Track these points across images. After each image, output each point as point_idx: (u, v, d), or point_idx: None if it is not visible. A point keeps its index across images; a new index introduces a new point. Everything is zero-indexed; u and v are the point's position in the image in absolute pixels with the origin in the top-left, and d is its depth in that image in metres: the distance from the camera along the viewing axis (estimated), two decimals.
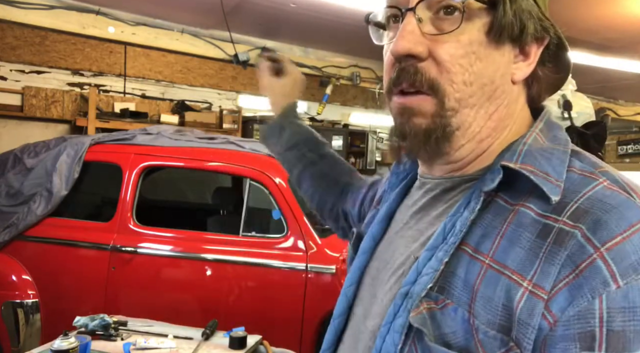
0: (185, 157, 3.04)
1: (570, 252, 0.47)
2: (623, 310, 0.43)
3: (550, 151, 0.55)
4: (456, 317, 0.53)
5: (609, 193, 0.50)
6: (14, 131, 4.58)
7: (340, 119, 6.72)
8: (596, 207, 0.49)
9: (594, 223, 0.48)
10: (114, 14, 4.98)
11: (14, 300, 2.82)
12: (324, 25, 4.96)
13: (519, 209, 0.53)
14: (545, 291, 0.47)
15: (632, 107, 8.72)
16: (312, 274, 2.65)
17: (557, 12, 2.68)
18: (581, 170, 0.53)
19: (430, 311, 0.55)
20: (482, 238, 0.55)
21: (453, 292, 0.54)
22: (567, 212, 0.50)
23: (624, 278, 0.44)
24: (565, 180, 0.52)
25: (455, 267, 0.55)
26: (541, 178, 0.52)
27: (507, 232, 0.53)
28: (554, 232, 0.49)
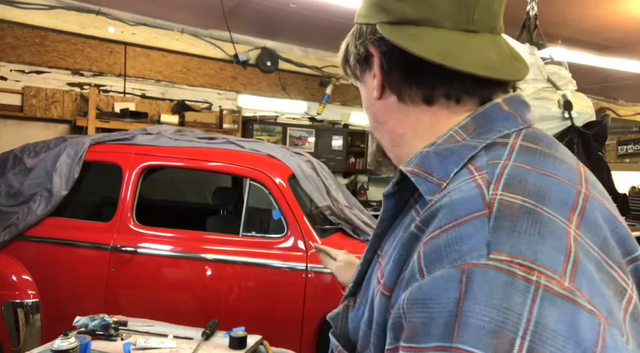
0: (185, 157, 3.04)
1: (409, 249, 0.50)
2: (417, 302, 0.44)
3: (456, 148, 0.54)
4: (358, 314, 0.60)
5: (466, 187, 0.48)
6: (14, 131, 4.58)
7: (340, 119, 6.72)
8: (440, 202, 0.49)
9: (428, 218, 0.49)
10: (114, 14, 4.98)
11: (14, 300, 2.82)
12: (324, 25, 4.96)
13: (411, 211, 0.57)
14: (388, 289, 0.51)
15: (632, 107, 8.71)
16: (312, 274, 2.65)
17: (558, 12, 2.69)
18: (474, 165, 0.52)
19: (346, 308, 0.63)
20: (386, 239, 0.60)
21: (362, 291, 0.62)
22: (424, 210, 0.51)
23: (428, 272, 0.44)
24: (454, 177, 0.52)
25: (369, 268, 0.62)
26: (420, 178, 0.53)
27: (399, 233, 0.56)
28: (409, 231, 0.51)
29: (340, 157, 6.44)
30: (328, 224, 2.96)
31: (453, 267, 0.43)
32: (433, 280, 0.43)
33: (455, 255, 0.43)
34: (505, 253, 0.42)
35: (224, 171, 3.21)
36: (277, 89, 6.03)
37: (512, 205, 0.45)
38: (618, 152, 8.58)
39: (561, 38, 4.86)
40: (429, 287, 0.43)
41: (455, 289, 0.41)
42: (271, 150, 3.17)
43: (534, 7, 2.54)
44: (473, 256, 0.42)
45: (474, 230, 0.44)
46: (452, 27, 0.57)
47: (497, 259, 0.41)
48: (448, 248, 0.44)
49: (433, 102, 0.60)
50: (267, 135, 5.89)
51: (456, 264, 0.43)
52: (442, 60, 0.55)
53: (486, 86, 0.59)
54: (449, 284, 0.42)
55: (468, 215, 0.45)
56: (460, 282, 0.42)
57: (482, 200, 0.46)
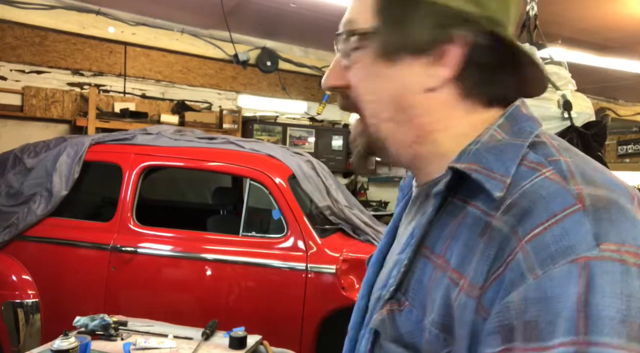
0: (185, 157, 3.04)
1: (499, 247, 0.48)
2: (536, 301, 0.44)
3: (504, 146, 0.55)
4: (411, 318, 0.56)
5: (545, 183, 0.49)
6: (14, 131, 4.58)
7: (340, 119, 6.73)
8: (526, 199, 0.49)
9: (520, 215, 0.48)
10: (114, 14, 4.98)
11: (14, 300, 2.82)
12: (324, 25, 4.96)
13: (468, 208, 0.55)
14: (477, 288, 0.49)
15: (632, 107, 8.72)
16: (312, 274, 2.65)
17: (558, 12, 2.69)
18: (531, 162, 0.53)
19: (391, 313, 0.59)
20: (437, 239, 0.57)
21: (411, 294, 0.58)
22: (502, 207, 0.50)
23: (541, 269, 0.44)
24: (514, 174, 0.52)
25: (416, 269, 0.59)
26: (484, 176, 0.53)
27: (456, 231, 0.55)
28: (490, 228, 0.50)
29: (340, 157, 6.43)
30: (328, 224, 2.96)
31: (569, 263, 0.44)
32: (550, 277, 0.44)
33: (567, 250, 0.44)
34: (613, 243, 0.44)
35: (224, 171, 3.21)
36: (277, 89, 6.04)
37: (600, 198, 0.47)
38: (618, 152, 8.58)
39: (561, 38, 4.86)
40: (548, 285, 0.44)
41: (576, 284, 0.42)
42: (271, 150, 3.18)
43: (534, 7, 2.54)
44: (585, 249, 0.44)
45: (576, 224, 0.45)
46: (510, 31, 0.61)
47: (608, 249, 0.44)
48: (557, 245, 0.45)
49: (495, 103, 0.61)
50: (267, 135, 5.89)
51: (571, 259, 0.44)
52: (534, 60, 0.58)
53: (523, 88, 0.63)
54: (569, 280, 0.43)
55: (564, 210, 0.46)
56: (579, 277, 0.43)
57: (569, 195, 0.47)
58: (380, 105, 0.62)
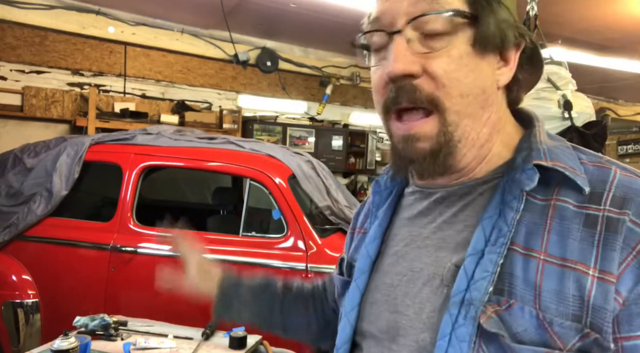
0: (185, 157, 3.04)
1: (625, 236, 0.52)
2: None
3: (561, 147, 0.61)
4: (524, 315, 0.54)
5: (628, 179, 0.56)
6: (14, 131, 4.58)
7: (340, 119, 6.72)
8: (631, 192, 0.54)
9: (638, 208, 0.53)
10: (114, 14, 4.98)
11: (14, 300, 2.81)
12: (324, 25, 4.96)
13: (556, 204, 0.57)
14: (613, 275, 0.51)
15: (632, 107, 8.72)
16: (312, 274, 2.65)
17: (558, 12, 2.70)
18: (590, 161, 0.59)
19: (497, 313, 0.55)
20: (528, 235, 0.56)
21: (514, 291, 0.55)
22: (605, 200, 0.55)
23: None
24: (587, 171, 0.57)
25: (510, 267, 0.56)
26: (572, 173, 0.56)
27: (553, 226, 0.56)
28: (601, 220, 0.54)
29: (340, 157, 6.43)
30: (328, 224, 2.96)
31: None
32: None
33: None
34: None
35: (224, 171, 3.21)
36: (277, 89, 6.03)
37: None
38: (618, 152, 8.58)
39: (561, 38, 4.86)
40: None
41: None
42: (271, 150, 3.17)
43: (534, 7, 2.54)
44: None
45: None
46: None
47: None
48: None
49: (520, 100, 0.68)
50: (267, 135, 5.89)
51: None
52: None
53: None
54: None
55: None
56: None
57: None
58: (468, 99, 0.59)
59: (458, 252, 0.60)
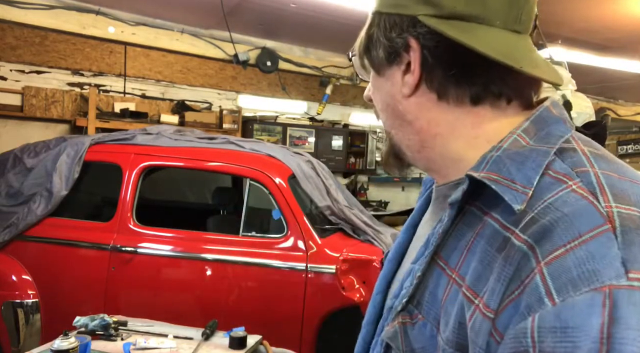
0: (185, 157, 3.04)
1: (517, 267, 0.45)
2: (554, 330, 0.40)
3: (528, 154, 0.52)
4: (425, 332, 0.54)
5: (570, 198, 0.46)
6: (14, 131, 4.58)
7: (340, 119, 6.72)
8: (549, 215, 0.45)
9: (540, 234, 0.45)
10: (114, 14, 4.98)
11: (14, 300, 2.82)
12: (324, 25, 4.96)
13: (487, 220, 0.52)
14: (491, 310, 0.46)
15: (632, 107, 8.72)
16: (312, 274, 2.65)
17: (558, 12, 2.71)
18: (557, 172, 0.49)
19: (403, 325, 0.56)
20: (452, 250, 0.54)
21: (425, 307, 0.55)
22: (522, 222, 0.47)
23: (560, 296, 0.41)
24: (537, 185, 0.48)
25: (429, 281, 0.56)
26: (504, 187, 0.49)
27: (474, 244, 0.51)
28: (507, 246, 0.47)
29: (340, 157, 6.44)
30: (328, 224, 2.96)
31: (593, 291, 0.40)
32: (572, 305, 0.40)
33: (590, 276, 0.41)
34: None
35: (224, 171, 3.21)
36: (277, 89, 6.03)
37: (632, 218, 0.43)
38: (618, 152, 8.57)
39: (561, 38, 4.86)
40: (568, 314, 0.40)
41: (599, 314, 0.39)
42: (271, 150, 3.17)
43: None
44: (611, 276, 0.40)
45: (603, 248, 0.42)
46: (501, 26, 0.55)
47: (637, 278, 0.40)
48: (580, 269, 0.41)
49: (481, 101, 0.57)
50: (267, 135, 5.89)
51: (595, 287, 0.40)
52: (508, 60, 0.52)
53: (531, 87, 0.59)
54: (592, 309, 0.39)
55: (591, 230, 0.43)
56: (603, 307, 0.39)
57: (598, 213, 0.44)
58: (384, 114, 0.65)
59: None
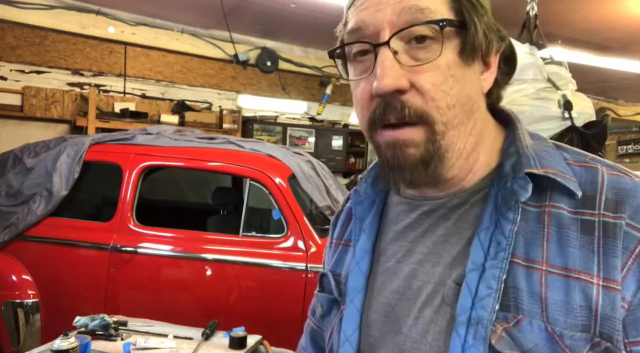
0: (185, 157, 3.04)
1: (623, 241, 0.52)
2: None
3: (546, 149, 0.59)
4: (533, 330, 0.52)
5: (616, 179, 0.55)
6: (14, 131, 4.58)
7: (340, 119, 6.72)
8: (622, 193, 0.54)
9: (632, 210, 0.53)
10: (114, 14, 4.98)
11: (14, 300, 2.81)
12: (324, 25, 4.95)
13: (551, 211, 0.56)
14: (617, 283, 0.51)
15: (632, 107, 8.72)
16: (312, 274, 2.65)
17: (558, 12, 2.70)
18: (575, 161, 0.58)
19: (506, 331, 0.53)
20: (527, 246, 0.55)
21: (521, 306, 0.53)
22: (599, 204, 0.54)
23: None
24: (572, 174, 0.57)
25: (514, 281, 0.54)
26: (563, 178, 0.56)
27: (551, 235, 0.55)
28: (598, 226, 0.53)
29: (340, 157, 6.43)
30: (328, 224, 2.95)
31: None
32: None
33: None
34: None
35: (224, 171, 3.21)
36: (277, 89, 6.03)
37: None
38: (618, 152, 8.57)
39: (561, 38, 4.86)
40: None
41: None
42: (271, 150, 3.17)
43: (534, 7, 2.54)
44: None
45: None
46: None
47: None
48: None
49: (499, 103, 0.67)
50: (267, 135, 5.89)
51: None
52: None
53: None
54: None
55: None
56: None
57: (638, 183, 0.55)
58: (455, 110, 0.56)
59: (455, 268, 0.58)
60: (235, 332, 1.93)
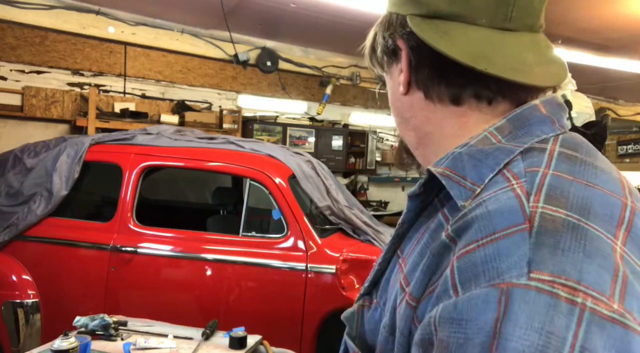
0: (185, 157, 3.04)
1: (439, 259, 0.47)
2: (451, 321, 0.41)
3: (491, 151, 0.51)
4: (375, 316, 0.57)
5: (503, 197, 0.46)
6: (14, 131, 4.58)
7: (340, 119, 6.72)
8: (475, 211, 0.46)
9: (462, 229, 0.46)
10: (114, 14, 4.98)
11: (14, 300, 2.82)
12: (324, 25, 4.96)
13: (438, 214, 0.54)
14: (414, 298, 0.48)
15: (632, 107, 8.71)
16: (312, 274, 2.65)
17: (558, 12, 2.71)
18: (510, 171, 0.49)
19: (361, 308, 0.61)
20: (408, 241, 0.57)
21: (379, 292, 0.59)
22: (456, 217, 0.48)
23: (463, 289, 0.42)
24: (488, 183, 0.49)
25: (388, 269, 0.60)
26: (453, 182, 0.50)
27: (422, 236, 0.54)
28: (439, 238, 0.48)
29: (340, 157, 6.44)
30: (328, 224, 2.96)
31: (491, 287, 0.40)
32: (469, 299, 0.41)
33: (493, 273, 0.41)
34: (547, 273, 0.39)
35: (224, 171, 3.21)
36: (277, 89, 6.03)
37: (555, 220, 0.42)
38: (618, 152, 8.58)
39: (561, 38, 4.86)
40: (465, 306, 0.41)
41: (494, 310, 0.39)
42: (271, 150, 3.17)
43: None
44: (512, 275, 0.40)
45: (513, 246, 0.41)
46: (487, 24, 0.54)
47: (539, 279, 0.39)
48: (485, 265, 0.41)
49: (461, 102, 0.56)
50: (267, 135, 5.89)
51: (494, 283, 0.40)
52: (473, 62, 0.52)
53: (522, 89, 0.56)
54: (487, 305, 0.40)
55: (506, 229, 0.43)
56: (499, 303, 0.39)
57: (522, 212, 0.43)
58: (391, 110, 0.65)
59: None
60: (235, 332, 1.93)
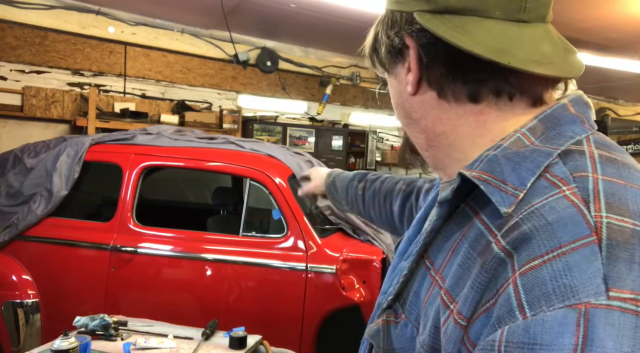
0: (185, 157, 3.04)
1: (493, 275, 0.43)
2: (522, 346, 0.37)
3: (528, 154, 0.48)
4: (406, 333, 0.53)
5: (558, 205, 0.42)
6: (14, 131, 4.58)
7: (340, 119, 6.73)
8: (531, 221, 0.42)
9: (519, 241, 0.42)
10: (114, 14, 4.99)
11: (14, 300, 2.82)
12: (324, 25, 4.96)
13: (475, 221, 0.49)
14: (464, 318, 0.44)
15: (632, 107, 8.72)
16: (312, 274, 2.65)
17: (558, 12, 2.68)
18: (554, 175, 0.45)
19: (387, 324, 0.56)
20: (438, 251, 0.53)
21: (408, 306, 0.55)
22: (505, 227, 0.44)
23: (532, 310, 0.38)
24: (531, 188, 0.45)
25: (415, 280, 0.55)
26: (493, 187, 0.47)
27: (458, 246, 0.49)
28: (488, 250, 0.44)
29: (340, 157, 6.44)
30: (328, 224, 2.96)
31: (567, 307, 0.37)
32: (543, 321, 0.37)
33: (567, 292, 0.37)
34: (628, 290, 0.36)
35: (224, 171, 3.21)
36: (277, 89, 6.04)
37: (624, 231, 0.39)
38: None
39: None
40: (538, 330, 0.37)
41: (572, 334, 0.36)
42: (271, 150, 3.17)
43: None
44: (589, 293, 0.36)
45: (584, 262, 0.38)
46: (502, 16, 0.51)
47: (620, 297, 0.36)
48: (556, 283, 0.38)
49: (480, 99, 0.53)
50: (267, 135, 5.89)
51: (570, 303, 0.37)
52: (497, 57, 0.49)
53: (541, 83, 0.53)
54: (564, 328, 0.36)
55: (574, 242, 0.39)
56: (577, 325, 0.36)
57: (585, 223, 0.40)
58: (396, 112, 0.64)
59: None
60: (235, 332, 1.93)
